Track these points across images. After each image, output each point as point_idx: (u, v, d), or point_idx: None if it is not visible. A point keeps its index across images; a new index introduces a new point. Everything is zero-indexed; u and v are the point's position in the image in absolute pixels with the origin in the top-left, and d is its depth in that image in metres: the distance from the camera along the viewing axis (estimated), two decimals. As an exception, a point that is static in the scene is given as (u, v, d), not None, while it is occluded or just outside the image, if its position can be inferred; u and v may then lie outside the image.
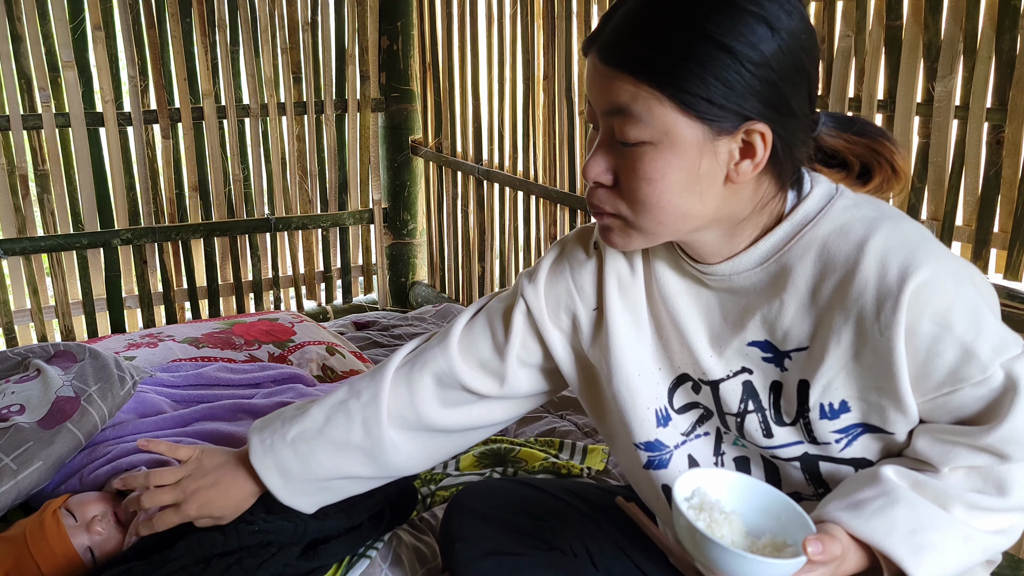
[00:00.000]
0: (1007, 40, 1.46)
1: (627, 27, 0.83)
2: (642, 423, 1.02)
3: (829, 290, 0.89)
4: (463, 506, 1.22)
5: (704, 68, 0.80)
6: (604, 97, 0.85)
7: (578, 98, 2.34)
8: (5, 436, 1.44)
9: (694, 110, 0.81)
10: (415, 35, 3.00)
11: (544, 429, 1.94)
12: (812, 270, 0.90)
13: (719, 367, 0.97)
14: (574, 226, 2.43)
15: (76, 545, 1.34)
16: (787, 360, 0.94)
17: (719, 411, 1.00)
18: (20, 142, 2.49)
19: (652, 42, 0.81)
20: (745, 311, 0.95)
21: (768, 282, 0.92)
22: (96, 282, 2.71)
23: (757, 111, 0.82)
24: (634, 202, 0.87)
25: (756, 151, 0.84)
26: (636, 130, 0.83)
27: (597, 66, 0.85)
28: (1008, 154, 1.49)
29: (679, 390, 1.02)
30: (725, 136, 0.83)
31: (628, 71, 0.82)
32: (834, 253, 0.88)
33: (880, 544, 0.85)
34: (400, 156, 3.10)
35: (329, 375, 2.07)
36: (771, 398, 0.96)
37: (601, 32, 0.86)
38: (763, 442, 0.97)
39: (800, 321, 0.91)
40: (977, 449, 0.88)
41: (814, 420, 0.93)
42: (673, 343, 1.01)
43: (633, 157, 0.85)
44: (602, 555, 1.18)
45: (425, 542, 1.47)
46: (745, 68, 0.80)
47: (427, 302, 3.08)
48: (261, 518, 1.37)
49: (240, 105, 2.80)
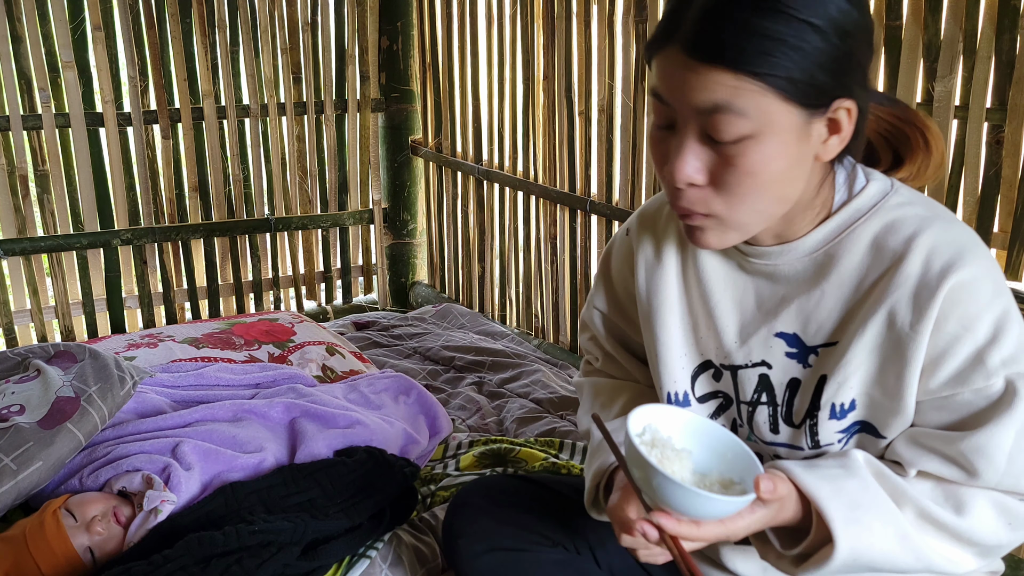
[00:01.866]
0: (1007, 40, 1.46)
1: (716, 18, 0.78)
2: (664, 401, 1.04)
3: (871, 283, 0.89)
4: (467, 502, 1.22)
5: (803, 53, 0.78)
6: (698, 96, 0.80)
7: (578, 98, 2.34)
8: (5, 436, 1.44)
9: (795, 96, 0.80)
10: (415, 35, 3.00)
11: (544, 429, 1.94)
12: (860, 263, 0.90)
13: (740, 354, 0.98)
14: (574, 226, 2.43)
15: (76, 545, 1.34)
16: (812, 356, 0.94)
17: (737, 399, 1.00)
18: (20, 142, 2.49)
19: (749, 32, 0.77)
20: (782, 300, 0.95)
21: (812, 272, 0.93)
22: (96, 282, 2.71)
23: (847, 87, 0.82)
24: (734, 197, 0.84)
25: (842, 127, 0.84)
26: (737, 125, 0.80)
27: (686, 63, 0.80)
28: (1008, 154, 1.49)
29: (702, 377, 1.03)
30: (819, 116, 0.82)
31: (727, 65, 0.78)
32: (883, 248, 0.89)
33: (819, 502, 0.85)
34: (400, 156, 3.10)
35: (329, 375, 2.07)
36: (786, 395, 0.96)
37: (679, 26, 0.80)
38: (768, 436, 0.98)
39: (837, 314, 0.92)
40: (947, 459, 0.88)
41: (822, 421, 0.93)
42: (701, 327, 1.02)
43: (733, 153, 0.82)
44: (604, 552, 1.18)
45: (425, 542, 1.47)
46: (837, 46, 0.80)
47: (427, 302, 3.08)
48: (261, 518, 1.37)
49: (240, 105, 2.80)
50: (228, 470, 1.54)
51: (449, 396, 2.18)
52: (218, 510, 1.42)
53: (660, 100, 0.84)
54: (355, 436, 1.67)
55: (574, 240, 2.45)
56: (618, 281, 1.14)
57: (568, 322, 2.54)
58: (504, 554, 1.14)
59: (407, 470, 1.55)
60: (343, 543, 1.40)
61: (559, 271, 2.53)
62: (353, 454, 1.60)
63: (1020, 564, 1.51)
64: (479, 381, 2.26)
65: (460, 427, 1.99)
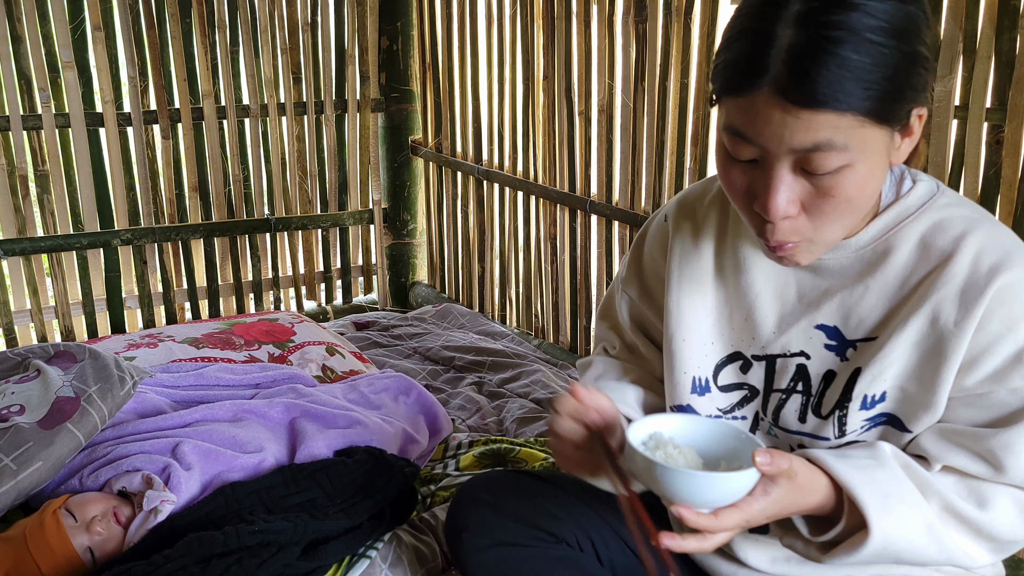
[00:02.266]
0: (1007, 40, 1.46)
1: (811, 60, 0.77)
2: (676, 386, 1.05)
3: (917, 281, 0.91)
4: (470, 496, 1.22)
5: (894, 76, 0.79)
6: (796, 138, 0.79)
7: (578, 98, 2.34)
8: (5, 436, 1.44)
9: (888, 119, 0.80)
10: (415, 35, 3.00)
11: (544, 429, 1.94)
12: (907, 260, 0.92)
13: (778, 344, 0.99)
14: (574, 226, 2.43)
15: (76, 545, 1.34)
16: (850, 350, 0.95)
17: (767, 389, 1.01)
18: (20, 142, 2.49)
19: (847, 69, 0.76)
20: (824, 293, 0.96)
21: (858, 267, 0.94)
22: (96, 282, 2.71)
23: (924, 95, 0.83)
24: (828, 222, 0.85)
25: (914, 130, 0.85)
26: (836, 159, 0.80)
27: (782, 107, 0.78)
28: (1008, 154, 1.49)
29: (728, 368, 1.04)
30: (900, 128, 0.84)
31: (830, 107, 0.77)
32: (931, 246, 0.91)
33: (853, 489, 0.87)
34: (400, 156, 3.10)
35: (329, 375, 2.07)
36: (820, 386, 0.98)
37: (765, 68, 0.79)
38: (794, 426, 0.99)
39: (879, 310, 0.93)
40: (975, 454, 0.90)
41: (851, 411, 0.95)
42: (735, 318, 1.02)
43: (830, 184, 0.82)
44: (607, 549, 1.18)
45: (425, 542, 1.47)
46: (924, 64, 0.81)
47: (427, 302, 3.08)
48: (261, 518, 1.37)
49: (240, 105, 2.80)
50: (228, 470, 1.54)
51: (449, 396, 2.18)
52: (218, 510, 1.43)
53: (743, 139, 0.83)
54: (355, 436, 1.67)
55: (574, 240, 2.45)
56: (649, 267, 1.14)
57: (568, 322, 2.54)
58: (507, 549, 1.15)
59: (407, 470, 1.55)
60: (343, 543, 1.40)
61: (559, 271, 2.53)
62: (353, 454, 1.60)
63: (1020, 564, 1.51)
64: (479, 381, 2.26)
65: (460, 427, 1.99)
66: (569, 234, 2.46)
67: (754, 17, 0.81)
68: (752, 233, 0.92)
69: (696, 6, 1.95)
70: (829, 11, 0.77)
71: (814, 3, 0.77)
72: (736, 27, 0.83)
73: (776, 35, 0.78)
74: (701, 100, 1.98)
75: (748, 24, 0.81)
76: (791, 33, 0.77)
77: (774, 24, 0.78)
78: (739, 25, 0.83)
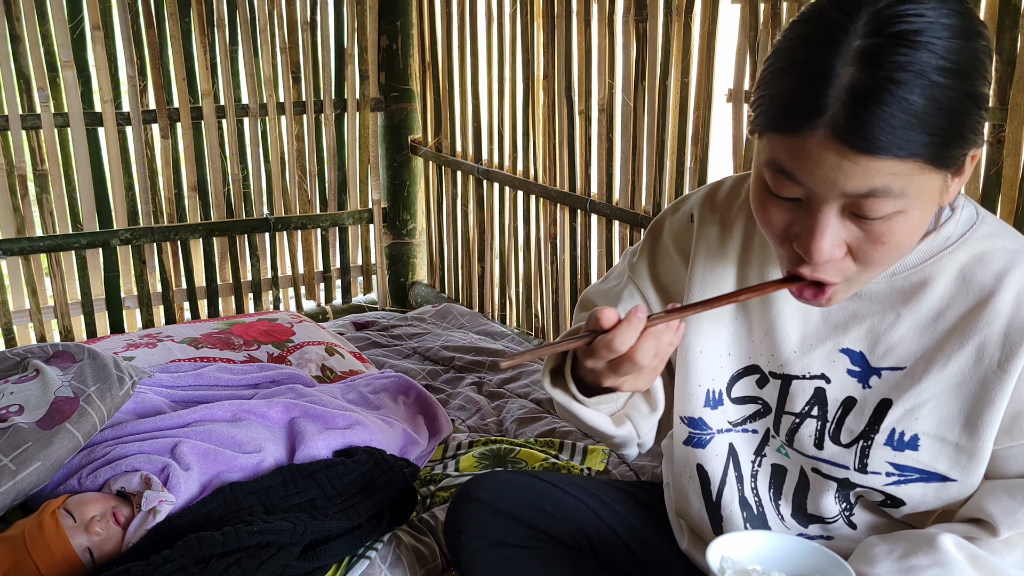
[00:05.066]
0: (1007, 40, 1.46)
1: (876, 105, 0.71)
2: (689, 398, 1.01)
3: (955, 315, 0.88)
4: (470, 497, 1.22)
5: (961, 123, 0.74)
6: (852, 183, 0.74)
7: (578, 98, 2.34)
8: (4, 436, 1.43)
9: (947, 164, 0.75)
10: (415, 35, 3.00)
11: (544, 429, 1.94)
12: (944, 292, 0.88)
13: (799, 365, 0.96)
14: (574, 226, 2.43)
15: (75, 546, 1.34)
16: (875, 377, 0.92)
17: (779, 409, 0.98)
18: (19, 142, 2.49)
19: (913, 115, 0.71)
20: (852, 316, 0.93)
21: (890, 294, 0.91)
22: (95, 282, 2.70)
23: (981, 135, 0.78)
24: (873, 264, 0.80)
25: (965, 170, 0.80)
26: (890, 205, 0.75)
27: (839, 151, 0.73)
28: (1009, 153, 1.49)
29: (743, 381, 1.01)
30: (955, 170, 0.78)
31: (891, 154, 0.72)
32: (971, 280, 0.87)
33: None
34: (400, 156, 3.10)
35: (328, 375, 2.07)
36: (838, 413, 0.94)
37: (822, 109, 0.73)
38: (810, 451, 0.96)
39: (909, 340, 0.90)
40: None
41: (876, 444, 0.91)
42: (755, 332, 0.99)
43: (881, 230, 0.77)
44: (606, 550, 1.18)
45: (425, 542, 1.47)
46: (984, 105, 0.77)
47: (427, 302, 3.08)
48: (260, 519, 1.37)
49: (239, 105, 2.80)
50: (227, 470, 1.53)
51: (449, 396, 2.18)
52: (217, 510, 1.42)
53: (789, 178, 0.77)
54: (354, 436, 1.66)
55: (574, 240, 2.45)
56: (663, 262, 1.08)
57: (568, 322, 2.54)
58: (506, 550, 1.15)
59: (407, 470, 1.55)
60: (342, 543, 1.40)
61: (559, 271, 2.53)
62: (352, 454, 1.59)
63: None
64: (479, 381, 2.25)
65: (460, 427, 1.99)
66: (569, 234, 2.45)
67: (808, 50, 0.74)
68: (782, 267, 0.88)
69: (696, 5, 1.94)
70: (894, 49, 0.70)
71: (877, 39, 0.71)
72: (786, 59, 0.76)
73: (835, 73, 0.72)
74: (701, 100, 1.98)
75: (801, 58, 0.75)
76: (852, 72, 0.71)
77: (832, 61, 0.72)
78: (789, 57, 0.76)
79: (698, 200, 1.05)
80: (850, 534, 0.99)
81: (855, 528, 0.98)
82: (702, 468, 1.04)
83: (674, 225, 1.07)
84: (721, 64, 1.95)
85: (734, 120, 1.92)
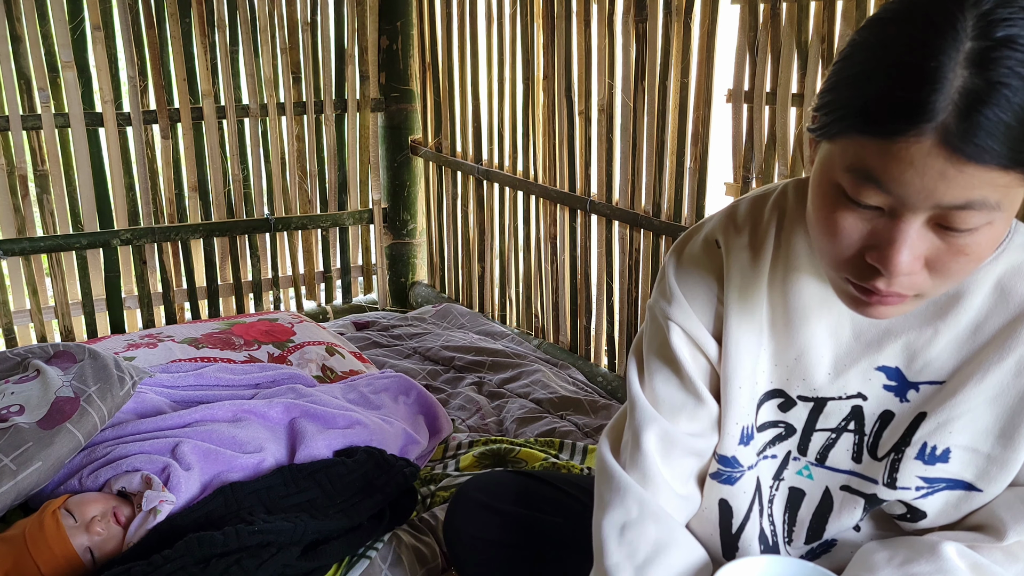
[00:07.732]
0: None
1: (989, 109, 0.66)
2: (726, 436, 0.96)
3: (994, 328, 0.86)
4: (469, 497, 1.22)
5: None
6: (952, 193, 0.69)
7: (578, 98, 2.34)
8: (5, 436, 1.43)
9: None
10: (415, 35, 3.00)
11: (544, 429, 1.94)
12: (981, 305, 0.87)
13: (833, 387, 0.92)
14: (573, 226, 2.43)
15: (76, 545, 1.34)
16: (912, 391, 0.90)
17: (807, 429, 0.95)
18: (20, 142, 2.49)
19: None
20: (886, 333, 0.90)
21: (925, 308, 0.88)
22: (96, 282, 2.70)
23: None
24: (950, 278, 0.76)
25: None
26: (982, 217, 0.71)
27: (946, 158, 0.68)
28: None
29: (766, 406, 0.97)
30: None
31: (999, 164, 0.68)
32: (1009, 291, 0.86)
33: None
34: (400, 156, 3.10)
35: (329, 376, 2.07)
36: (876, 426, 0.92)
37: (929, 113, 0.67)
38: (847, 465, 0.94)
39: (947, 354, 0.88)
40: None
41: (907, 458, 0.90)
42: (785, 356, 0.94)
43: (965, 242, 0.73)
44: None
45: (425, 542, 1.47)
46: None
47: (427, 302, 3.08)
48: (261, 518, 1.37)
49: (239, 105, 2.80)
50: (228, 470, 1.53)
51: (449, 396, 2.18)
52: (218, 510, 1.42)
53: (876, 185, 0.72)
54: (355, 436, 1.66)
55: (574, 240, 2.45)
56: (689, 295, 0.98)
57: (568, 322, 2.54)
58: (506, 550, 1.15)
59: (407, 470, 1.55)
60: (343, 543, 1.40)
61: (559, 271, 2.53)
62: (353, 454, 1.60)
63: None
64: (479, 381, 2.25)
65: (460, 427, 1.99)
66: (569, 234, 2.46)
67: (911, 50, 0.69)
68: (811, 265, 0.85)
69: (696, 6, 1.95)
70: (1010, 53, 0.66)
71: (988, 43, 0.66)
72: (879, 59, 0.71)
73: (946, 75, 0.66)
74: (701, 100, 1.98)
75: (902, 58, 0.69)
76: (967, 76, 0.66)
77: (944, 62, 0.67)
78: (884, 58, 0.71)
79: (719, 226, 0.99)
80: (853, 540, 0.98)
81: (858, 530, 0.98)
82: (725, 503, 0.99)
83: (698, 255, 0.99)
84: (721, 64, 1.95)
85: (733, 120, 1.92)
